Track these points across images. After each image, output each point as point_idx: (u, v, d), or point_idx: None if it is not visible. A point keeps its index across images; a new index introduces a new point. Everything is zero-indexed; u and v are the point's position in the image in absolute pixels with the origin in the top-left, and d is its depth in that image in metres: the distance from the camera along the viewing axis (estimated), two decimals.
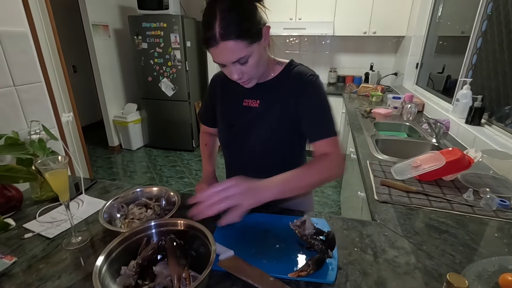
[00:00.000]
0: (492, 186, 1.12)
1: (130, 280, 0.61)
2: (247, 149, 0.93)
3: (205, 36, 0.70)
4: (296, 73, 0.85)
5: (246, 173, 0.93)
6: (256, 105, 0.88)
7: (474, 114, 1.65)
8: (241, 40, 0.68)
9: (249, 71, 0.76)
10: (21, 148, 0.97)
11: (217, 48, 0.69)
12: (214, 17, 0.66)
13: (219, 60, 0.73)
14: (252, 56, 0.72)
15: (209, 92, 1.01)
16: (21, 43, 1.14)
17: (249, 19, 0.69)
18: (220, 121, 0.98)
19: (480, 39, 1.88)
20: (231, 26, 0.66)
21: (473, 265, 0.71)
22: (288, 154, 0.95)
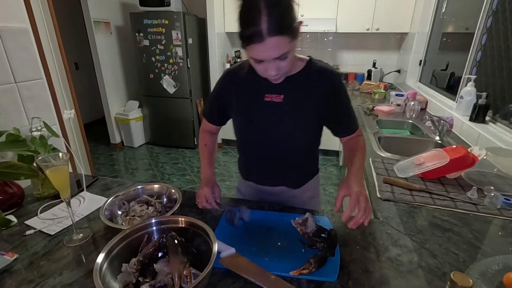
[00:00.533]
0: (496, 184, 1.11)
1: (131, 277, 0.61)
2: (269, 143, 0.94)
3: (247, 32, 0.68)
4: (321, 69, 0.87)
5: (265, 166, 1.00)
6: (280, 100, 0.87)
7: (478, 112, 1.63)
8: (286, 36, 0.68)
9: (284, 67, 0.76)
10: (22, 144, 0.96)
11: (262, 44, 0.67)
12: (258, 12, 0.65)
13: (261, 56, 0.71)
14: (290, 52, 0.72)
15: (219, 88, 0.97)
16: (22, 39, 1.13)
17: (291, 15, 0.69)
18: (238, 117, 0.96)
19: (485, 35, 1.86)
20: (278, 21, 0.66)
21: (477, 263, 0.70)
22: (308, 147, 1.00)
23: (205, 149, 1.05)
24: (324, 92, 0.86)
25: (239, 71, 0.91)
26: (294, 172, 1.01)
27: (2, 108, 1.06)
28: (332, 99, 0.87)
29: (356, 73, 3.71)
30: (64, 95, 1.93)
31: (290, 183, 1.03)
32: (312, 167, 1.08)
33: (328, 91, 0.86)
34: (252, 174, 1.07)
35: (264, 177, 1.04)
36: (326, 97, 0.86)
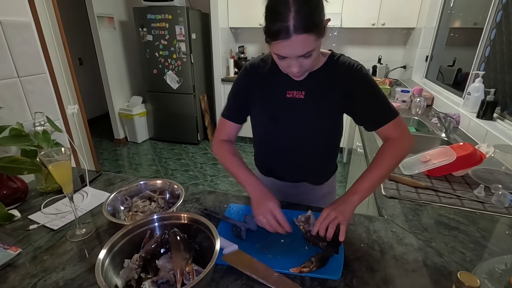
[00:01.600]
0: (504, 182, 1.09)
1: (133, 273, 0.61)
2: (292, 141, 0.92)
3: (273, 28, 0.66)
4: (343, 63, 0.83)
5: (287, 163, 0.98)
6: (302, 96, 0.85)
7: (486, 108, 1.60)
8: (313, 34, 0.66)
9: (308, 65, 0.74)
10: (26, 139, 0.96)
11: (288, 41, 0.65)
12: (287, 8, 0.63)
13: (285, 53, 0.70)
14: (315, 50, 0.70)
15: (242, 83, 0.92)
16: (24, 33, 1.13)
17: (320, 13, 0.67)
18: (259, 113, 0.93)
19: (494, 30, 1.81)
20: (306, 19, 0.64)
21: (484, 263, 0.69)
22: (330, 143, 0.97)
23: (233, 158, 0.91)
24: (347, 86, 0.82)
25: (261, 66, 0.88)
26: (316, 168, 1.00)
27: (5, 103, 1.06)
28: (358, 93, 0.83)
29: None
30: (68, 90, 1.93)
31: (312, 179, 1.02)
32: (333, 163, 1.06)
33: (351, 85, 0.82)
34: (273, 170, 1.04)
35: (285, 173, 1.02)
36: (349, 92, 0.83)
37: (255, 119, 0.96)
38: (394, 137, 0.84)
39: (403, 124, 0.85)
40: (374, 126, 0.85)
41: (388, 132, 0.84)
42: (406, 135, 0.84)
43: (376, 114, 0.84)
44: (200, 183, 2.99)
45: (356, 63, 0.83)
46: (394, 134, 0.84)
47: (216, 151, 0.95)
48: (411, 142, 0.85)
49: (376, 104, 0.83)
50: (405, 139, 0.84)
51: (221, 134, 0.96)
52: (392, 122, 0.82)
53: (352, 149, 2.51)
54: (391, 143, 0.84)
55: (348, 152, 3.00)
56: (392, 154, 0.83)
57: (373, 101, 0.83)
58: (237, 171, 0.88)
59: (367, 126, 0.87)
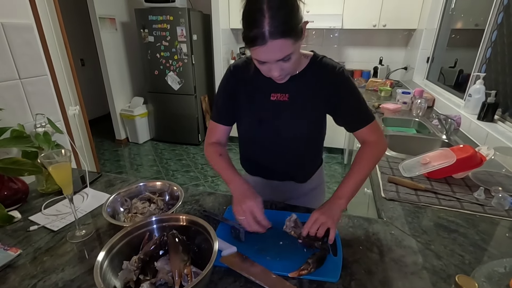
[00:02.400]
0: (504, 185, 1.09)
1: (131, 275, 0.61)
2: (276, 142, 0.94)
3: (250, 34, 0.66)
4: (325, 65, 0.85)
5: (272, 163, 1.00)
6: (285, 99, 0.87)
7: (487, 110, 1.60)
8: (289, 38, 0.67)
9: (288, 68, 0.75)
10: (27, 141, 0.97)
11: (264, 46, 0.66)
12: (262, 14, 0.63)
13: (264, 58, 0.71)
14: (294, 53, 0.71)
15: (227, 84, 0.93)
16: (26, 35, 1.13)
17: (296, 17, 0.68)
18: (246, 117, 0.94)
19: (495, 32, 1.81)
20: (281, 24, 0.64)
21: (483, 266, 0.69)
22: (314, 143, 0.99)
23: (221, 159, 0.91)
24: (330, 88, 0.85)
25: (245, 68, 0.89)
26: (301, 167, 1.02)
27: (6, 104, 1.07)
28: (340, 92, 0.85)
29: (362, 70, 3.66)
30: (69, 91, 1.93)
31: (297, 177, 1.04)
32: (318, 159, 1.08)
33: (333, 87, 0.84)
34: (259, 170, 1.06)
35: (270, 173, 1.04)
36: (332, 93, 0.85)
37: (240, 120, 0.97)
38: (371, 141, 0.88)
39: (379, 129, 0.90)
40: (352, 128, 0.89)
41: (365, 135, 0.89)
42: (381, 140, 0.89)
43: (354, 117, 0.88)
44: (201, 184, 3.00)
45: (338, 66, 0.85)
46: (371, 138, 0.88)
47: (206, 153, 0.96)
48: (386, 146, 0.92)
49: (354, 107, 0.87)
50: (380, 143, 0.89)
51: (211, 137, 0.98)
52: (369, 126, 0.87)
53: (353, 151, 2.51)
54: (368, 147, 0.88)
55: (348, 154, 2.99)
56: (371, 158, 0.87)
57: (352, 104, 0.86)
58: (223, 171, 0.89)
59: (346, 128, 0.91)
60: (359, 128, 0.87)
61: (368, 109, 0.88)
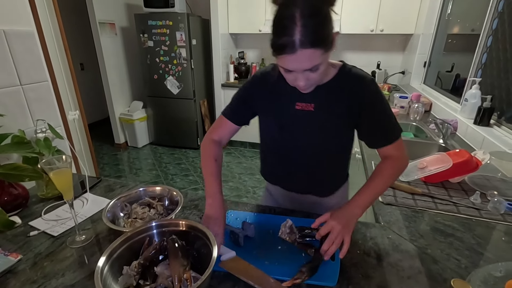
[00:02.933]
0: (500, 189, 1.10)
1: (131, 280, 0.62)
2: (298, 152, 0.91)
3: (279, 41, 0.65)
4: (353, 76, 0.81)
5: (292, 174, 0.97)
6: (311, 109, 0.84)
7: (483, 115, 1.62)
8: (319, 48, 0.65)
9: (315, 78, 0.72)
10: (27, 146, 0.98)
11: (293, 55, 0.64)
12: (293, 22, 0.62)
13: (291, 67, 0.69)
14: (322, 64, 0.69)
15: (249, 90, 0.92)
16: (27, 42, 1.15)
17: (328, 27, 0.66)
18: (267, 123, 0.93)
19: (491, 37, 1.84)
20: (312, 33, 0.62)
21: (479, 270, 0.70)
22: (338, 156, 0.95)
23: (214, 165, 0.89)
24: (357, 101, 0.81)
25: (272, 75, 0.87)
26: (322, 181, 0.98)
27: (7, 110, 1.08)
28: (367, 108, 0.81)
29: None
30: (69, 97, 1.95)
31: (318, 191, 1.00)
32: (342, 176, 1.02)
33: (361, 99, 0.81)
34: (278, 180, 1.04)
35: (291, 184, 1.01)
36: (359, 106, 0.81)
37: (262, 127, 0.96)
38: (394, 157, 0.85)
39: (403, 145, 0.86)
40: (376, 144, 0.86)
41: (389, 152, 0.85)
42: (404, 155, 0.86)
43: (379, 133, 0.84)
44: (200, 188, 3.00)
45: (368, 77, 0.81)
46: (394, 154, 0.85)
47: (203, 147, 0.94)
48: (408, 162, 0.89)
49: (379, 122, 0.83)
50: (404, 158, 0.86)
51: (214, 133, 0.95)
52: (394, 144, 0.83)
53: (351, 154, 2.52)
54: (392, 161, 0.85)
55: None
56: (392, 173, 0.85)
57: (379, 119, 0.82)
58: (208, 179, 0.86)
59: (368, 143, 0.87)
60: (383, 145, 0.84)
61: (395, 125, 0.83)
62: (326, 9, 0.65)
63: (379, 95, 0.81)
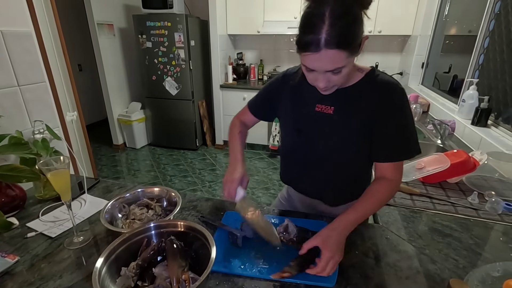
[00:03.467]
0: (497, 189, 1.10)
1: (129, 281, 0.62)
2: (314, 156, 0.88)
3: (304, 38, 0.63)
4: (379, 81, 0.77)
5: (304, 179, 0.96)
6: (330, 111, 0.81)
7: (481, 115, 1.62)
8: (344, 50, 0.63)
9: (337, 81, 0.70)
10: (25, 147, 0.97)
11: (317, 54, 0.63)
12: (321, 20, 0.60)
13: (313, 66, 0.67)
14: (346, 67, 0.67)
15: (274, 87, 0.93)
16: (25, 43, 1.14)
17: (357, 29, 0.64)
18: (286, 123, 0.93)
19: (488, 38, 1.85)
20: (340, 34, 0.61)
21: (477, 270, 0.70)
22: (355, 166, 0.89)
23: (238, 136, 0.98)
24: (377, 108, 0.76)
25: (296, 76, 0.87)
26: (333, 190, 0.94)
27: (5, 111, 1.08)
28: (385, 117, 0.75)
29: None
30: (67, 98, 1.94)
31: (327, 199, 0.96)
32: (357, 189, 0.91)
33: (382, 107, 0.75)
34: (292, 182, 1.04)
35: (302, 187, 1.00)
36: (377, 114, 0.76)
37: (283, 127, 0.96)
38: (391, 179, 0.80)
39: (402, 168, 0.81)
40: (377, 156, 0.81)
41: (387, 171, 0.80)
42: (400, 180, 0.81)
43: (387, 146, 0.78)
44: (198, 189, 2.99)
45: (393, 86, 0.76)
46: (391, 176, 0.80)
47: (232, 124, 1.04)
48: (399, 186, 0.85)
49: (394, 136, 0.77)
50: (398, 184, 0.82)
51: (241, 116, 1.04)
52: (398, 164, 0.79)
53: None
54: (388, 184, 0.80)
55: None
56: (386, 198, 0.80)
57: (393, 130, 0.76)
58: (234, 147, 0.95)
59: (371, 153, 0.82)
60: (384, 160, 0.79)
61: (410, 144, 0.77)
62: (357, 11, 0.63)
63: (402, 106, 0.75)
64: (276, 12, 3.34)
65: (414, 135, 0.77)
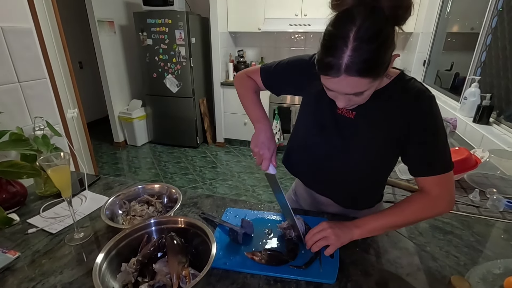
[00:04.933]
0: (499, 187, 1.10)
1: (130, 277, 0.62)
2: (326, 157, 0.84)
3: (325, 60, 0.57)
4: (408, 89, 0.69)
5: (314, 176, 0.92)
6: (351, 116, 0.76)
7: (482, 113, 1.62)
8: (367, 77, 0.57)
9: (358, 101, 0.65)
10: (25, 144, 0.97)
11: (336, 78, 0.58)
12: (344, 42, 0.54)
13: (331, 87, 0.62)
14: (370, 89, 0.61)
15: (301, 67, 0.83)
16: (25, 39, 1.14)
17: (383, 55, 0.56)
18: (306, 119, 0.88)
19: (490, 36, 1.84)
20: (364, 61, 0.54)
21: (478, 267, 0.70)
22: (372, 174, 0.83)
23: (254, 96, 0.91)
24: (404, 119, 0.69)
25: None
26: (344, 191, 0.88)
27: (5, 108, 1.08)
28: (417, 125, 0.69)
29: None
30: (67, 95, 1.94)
31: (336, 198, 0.91)
32: (371, 196, 0.89)
33: (407, 115, 0.69)
34: (299, 175, 0.99)
35: (311, 183, 0.96)
36: (403, 122, 0.70)
37: (301, 119, 0.91)
38: (431, 194, 0.71)
39: (449, 184, 0.71)
40: (414, 171, 0.73)
41: (427, 186, 0.72)
42: (444, 197, 0.71)
43: (420, 160, 0.71)
44: (199, 187, 3.00)
45: (423, 94, 0.68)
46: (433, 191, 0.71)
47: (241, 80, 0.94)
48: (448, 209, 0.72)
49: (426, 147, 0.69)
50: (442, 201, 0.71)
51: (251, 74, 0.94)
52: (438, 177, 0.69)
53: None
54: (425, 198, 0.72)
55: None
56: (419, 210, 0.72)
57: (424, 142, 0.69)
58: (253, 108, 0.89)
59: (409, 169, 0.75)
60: (423, 175, 0.71)
61: (446, 156, 0.69)
62: (388, 32, 0.56)
63: (431, 116, 0.68)
64: (277, 9, 3.33)
65: (448, 147, 0.71)
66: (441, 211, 0.73)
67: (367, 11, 0.54)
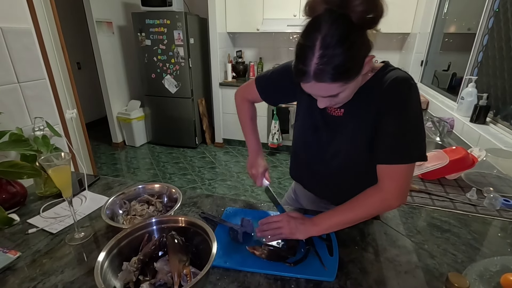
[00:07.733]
0: (496, 186, 1.11)
1: (131, 275, 0.62)
2: (322, 157, 0.86)
3: (296, 67, 0.60)
4: (388, 77, 0.68)
5: (313, 178, 0.94)
6: (340, 114, 0.78)
7: (479, 113, 1.63)
8: (337, 82, 0.58)
9: (340, 100, 0.67)
10: (25, 144, 0.97)
11: (308, 84, 0.61)
12: (311, 51, 0.55)
13: (308, 91, 0.65)
14: (345, 91, 0.62)
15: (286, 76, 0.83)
16: (25, 40, 1.14)
17: (353, 57, 0.57)
18: (301, 120, 0.89)
19: (487, 36, 1.85)
20: (331, 68, 0.55)
21: (475, 264, 0.71)
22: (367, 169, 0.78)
23: (250, 123, 1.02)
24: (379, 104, 0.68)
25: None
26: (341, 191, 0.87)
27: (5, 108, 1.08)
28: (382, 112, 0.68)
29: None
30: (66, 95, 1.94)
31: (334, 200, 0.92)
32: None
33: (381, 102, 0.68)
34: (300, 179, 1.03)
35: (310, 185, 0.99)
36: (379, 111, 0.69)
37: (297, 124, 0.93)
38: (382, 188, 0.70)
39: (401, 178, 0.68)
40: (376, 158, 0.71)
41: (380, 176, 0.70)
42: (394, 194, 0.69)
43: (383, 146, 0.69)
44: (198, 187, 3.00)
45: (399, 79, 0.66)
46: (383, 184, 0.70)
47: (239, 104, 1.03)
48: (397, 205, 0.72)
49: (393, 132, 0.67)
50: (391, 196, 0.70)
51: (248, 93, 1.00)
52: (391, 168, 0.68)
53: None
54: (377, 193, 0.71)
55: None
56: (371, 207, 0.72)
57: (389, 130, 0.67)
58: (249, 133, 1.02)
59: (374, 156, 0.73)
60: (378, 162, 0.69)
61: (409, 147, 0.66)
62: (356, 35, 0.57)
63: (402, 102, 0.66)
64: (276, 10, 3.34)
65: (418, 138, 0.67)
66: (389, 207, 0.73)
67: (332, 19, 0.55)
